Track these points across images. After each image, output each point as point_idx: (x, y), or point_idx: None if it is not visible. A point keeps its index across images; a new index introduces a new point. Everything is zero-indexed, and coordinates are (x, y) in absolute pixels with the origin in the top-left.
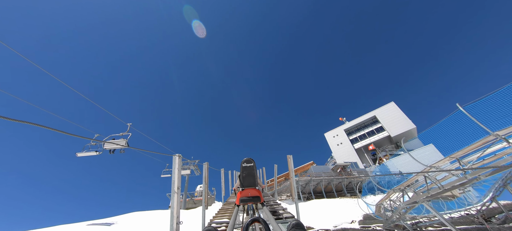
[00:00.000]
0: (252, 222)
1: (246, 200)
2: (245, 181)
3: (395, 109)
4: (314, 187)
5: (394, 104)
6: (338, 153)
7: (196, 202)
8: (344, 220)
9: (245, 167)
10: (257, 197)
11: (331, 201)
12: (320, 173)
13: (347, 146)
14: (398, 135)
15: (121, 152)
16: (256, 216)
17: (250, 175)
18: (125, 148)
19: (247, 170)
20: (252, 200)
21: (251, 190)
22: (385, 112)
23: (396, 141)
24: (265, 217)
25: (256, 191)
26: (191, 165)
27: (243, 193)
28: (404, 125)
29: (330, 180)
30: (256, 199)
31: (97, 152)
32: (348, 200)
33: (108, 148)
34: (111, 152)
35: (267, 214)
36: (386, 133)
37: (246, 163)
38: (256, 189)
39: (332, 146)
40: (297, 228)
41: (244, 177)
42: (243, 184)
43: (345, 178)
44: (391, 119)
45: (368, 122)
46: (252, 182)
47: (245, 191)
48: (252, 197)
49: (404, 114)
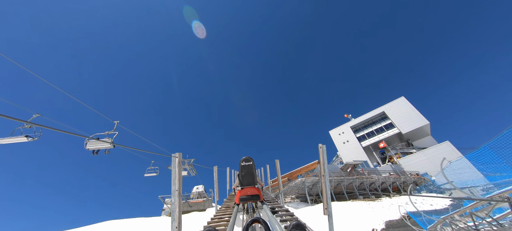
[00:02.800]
0: (252, 222)
1: (246, 199)
2: (244, 180)
3: (406, 104)
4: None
5: (405, 99)
6: (344, 151)
7: (192, 205)
8: (362, 227)
9: (244, 166)
10: (256, 195)
11: (344, 204)
12: (329, 173)
13: (354, 144)
14: (410, 132)
15: (106, 153)
16: (256, 217)
17: (249, 173)
18: (110, 148)
19: (246, 168)
20: (251, 199)
21: (250, 188)
22: (394, 107)
23: (407, 138)
24: (265, 217)
25: (256, 190)
26: (185, 164)
27: (243, 192)
28: (417, 121)
29: (340, 180)
30: (256, 197)
31: (28, 137)
32: (361, 204)
33: (91, 148)
34: (94, 153)
35: (267, 213)
36: (396, 129)
37: (245, 161)
38: (256, 187)
39: (337, 144)
40: (297, 228)
41: (243, 175)
42: (243, 183)
43: (357, 178)
44: (401, 115)
45: (376, 118)
46: (251, 181)
47: (245, 189)
48: (251, 195)
49: (416, 109)
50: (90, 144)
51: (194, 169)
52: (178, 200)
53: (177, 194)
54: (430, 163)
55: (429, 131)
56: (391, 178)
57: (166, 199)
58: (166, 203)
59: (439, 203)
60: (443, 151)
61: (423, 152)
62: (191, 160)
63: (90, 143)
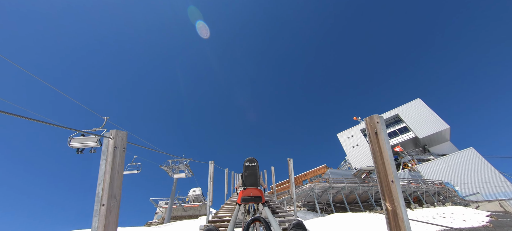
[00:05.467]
0: (253, 221)
1: (248, 200)
2: (247, 181)
3: (422, 107)
4: (334, 196)
5: (421, 101)
6: (353, 155)
7: (187, 209)
8: None
9: (248, 166)
10: (258, 197)
11: (359, 217)
12: (341, 179)
13: (364, 147)
14: (427, 137)
15: (92, 152)
16: (257, 216)
17: (253, 174)
18: (96, 147)
19: (250, 169)
20: (253, 200)
21: (253, 189)
22: (409, 110)
23: (423, 143)
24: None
25: (258, 191)
26: (181, 164)
27: (245, 193)
28: (435, 125)
29: (354, 188)
30: (258, 199)
31: None
32: (380, 217)
33: (76, 146)
34: (79, 152)
35: (267, 214)
36: (411, 134)
37: (249, 162)
38: (258, 189)
39: (346, 148)
40: (298, 228)
41: (246, 176)
42: (245, 183)
43: (373, 186)
44: (417, 118)
45: (389, 121)
46: (254, 182)
47: (247, 190)
48: (253, 196)
49: (433, 112)
50: (75, 141)
51: (190, 169)
52: (107, 202)
53: (105, 189)
54: (452, 171)
55: (449, 137)
56: (412, 187)
57: (159, 202)
58: (159, 206)
59: (474, 218)
60: (467, 159)
61: (443, 159)
62: (187, 160)
63: (75, 140)
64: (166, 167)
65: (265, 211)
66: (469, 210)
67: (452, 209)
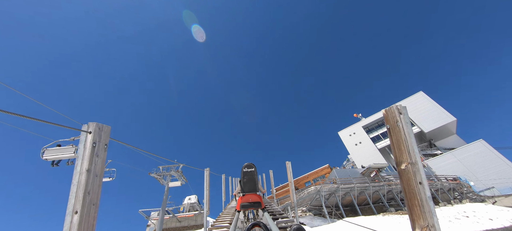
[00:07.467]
0: (253, 226)
1: (247, 206)
2: (246, 186)
3: (425, 100)
4: (342, 198)
5: (424, 93)
6: (356, 153)
7: (181, 219)
8: None
9: (246, 172)
10: (258, 202)
11: (374, 220)
12: (350, 179)
13: (367, 145)
14: (433, 131)
15: (69, 164)
16: (257, 221)
17: (251, 180)
18: (74, 159)
19: (248, 175)
20: (253, 206)
21: (251, 195)
22: (412, 104)
23: (429, 137)
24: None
25: (257, 197)
26: (172, 170)
27: (244, 199)
28: (440, 118)
29: (364, 188)
30: (257, 204)
31: None
32: (397, 218)
33: (50, 158)
34: (54, 164)
35: (267, 219)
36: (416, 128)
37: (247, 168)
38: (257, 194)
39: (348, 146)
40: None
41: (245, 182)
42: (244, 190)
43: (385, 186)
44: (421, 112)
45: None
46: (253, 188)
47: (246, 196)
48: (253, 202)
49: (438, 105)
50: (49, 153)
51: (183, 176)
52: (80, 209)
53: (80, 193)
54: (462, 165)
55: (455, 129)
56: None
57: (152, 214)
58: (150, 218)
59: (500, 216)
60: (477, 151)
61: (453, 153)
62: (180, 166)
63: (49, 152)
64: (156, 174)
65: (265, 217)
66: (491, 207)
67: (472, 207)
